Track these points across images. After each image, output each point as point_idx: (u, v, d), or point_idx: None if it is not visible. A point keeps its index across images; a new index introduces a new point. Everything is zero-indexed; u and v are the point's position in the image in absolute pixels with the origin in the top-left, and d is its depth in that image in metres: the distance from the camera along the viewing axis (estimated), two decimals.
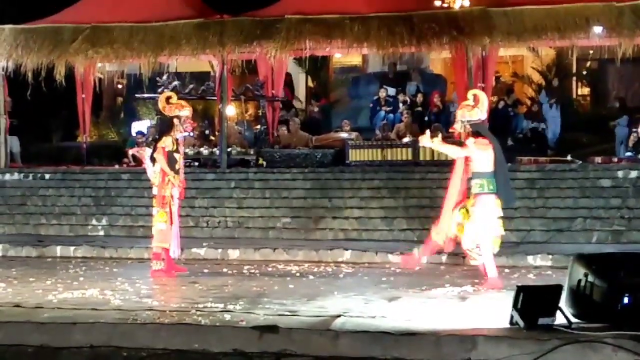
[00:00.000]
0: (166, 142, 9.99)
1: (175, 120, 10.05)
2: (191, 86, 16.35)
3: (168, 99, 10.23)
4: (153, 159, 10.12)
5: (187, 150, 10.76)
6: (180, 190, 10.19)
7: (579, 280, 6.61)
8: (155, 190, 10.13)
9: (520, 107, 18.66)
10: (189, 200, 13.12)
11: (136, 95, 17.98)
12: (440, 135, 9.58)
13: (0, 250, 12.73)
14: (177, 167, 10.06)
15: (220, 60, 15.31)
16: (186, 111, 10.13)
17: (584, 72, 21.46)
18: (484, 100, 8.95)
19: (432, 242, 9.04)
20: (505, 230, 12.44)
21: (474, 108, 8.83)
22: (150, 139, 15.36)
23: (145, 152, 10.57)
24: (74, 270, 10.74)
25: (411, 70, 19.85)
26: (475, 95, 8.97)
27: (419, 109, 17.45)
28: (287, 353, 6.12)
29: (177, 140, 10.09)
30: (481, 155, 8.68)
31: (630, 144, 15.16)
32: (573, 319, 6.40)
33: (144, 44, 15.04)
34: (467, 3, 14.52)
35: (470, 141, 8.73)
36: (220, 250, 12.05)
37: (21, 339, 6.62)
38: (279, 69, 16.62)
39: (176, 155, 10.06)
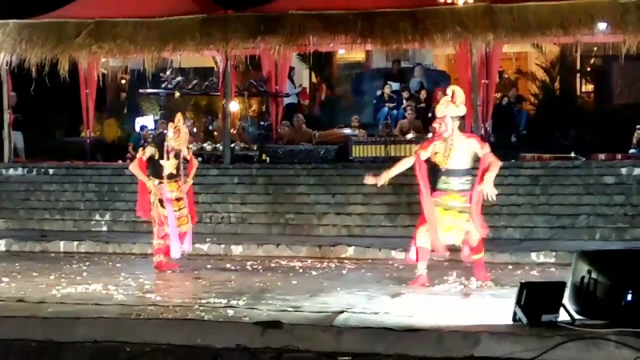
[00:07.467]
0: (146, 151, 10.05)
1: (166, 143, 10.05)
2: (195, 82, 16.34)
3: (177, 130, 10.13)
4: None
5: (190, 145, 10.70)
6: (187, 189, 10.25)
7: (582, 277, 6.61)
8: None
9: (523, 104, 18.62)
10: (193, 195, 13.11)
11: (140, 90, 17.94)
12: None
13: (4, 245, 12.78)
14: (165, 173, 10.04)
15: (224, 55, 15.27)
16: (173, 142, 10.02)
17: (588, 69, 21.43)
18: (463, 96, 8.97)
19: (422, 249, 8.75)
20: (509, 227, 12.64)
21: (460, 104, 8.86)
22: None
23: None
24: (77, 265, 10.76)
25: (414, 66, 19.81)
26: (454, 92, 8.95)
27: (422, 105, 17.42)
28: (290, 349, 6.12)
29: (167, 147, 10.04)
30: (468, 151, 8.74)
31: (635, 140, 15.10)
32: (576, 316, 6.40)
33: (148, 39, 15.00)
34: None
35: (462, 137, 8.79)
36: (223, 246, 12.08)
37: (25, 333, 6.62)
38: (283, 64, 16.61)
39: (163, 162, 10.04)
